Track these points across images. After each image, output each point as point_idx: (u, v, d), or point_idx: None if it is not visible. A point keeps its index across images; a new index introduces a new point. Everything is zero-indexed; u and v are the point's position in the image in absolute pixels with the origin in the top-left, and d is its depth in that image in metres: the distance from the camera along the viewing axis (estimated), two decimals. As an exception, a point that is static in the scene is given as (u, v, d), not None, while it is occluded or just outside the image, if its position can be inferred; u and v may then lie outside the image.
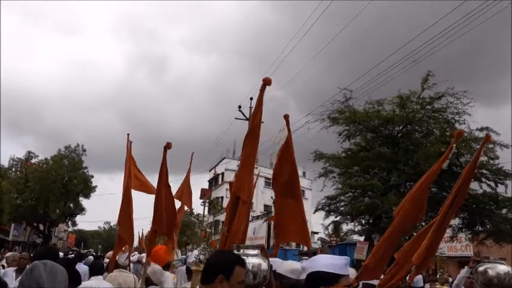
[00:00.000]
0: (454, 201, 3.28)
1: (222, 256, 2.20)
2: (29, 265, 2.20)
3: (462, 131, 3.68)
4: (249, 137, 3.41)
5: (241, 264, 2.12)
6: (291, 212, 3.67)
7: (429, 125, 14.55)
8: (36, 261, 2.17)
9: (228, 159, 49.75)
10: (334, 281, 2.05)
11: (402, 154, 14.29)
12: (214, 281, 2.03)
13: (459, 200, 3.33)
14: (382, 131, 14.84)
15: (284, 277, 2.95)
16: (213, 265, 2.11)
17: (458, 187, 3.30)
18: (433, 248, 3.35)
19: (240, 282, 2.08)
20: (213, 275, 2.04)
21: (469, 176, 3.35)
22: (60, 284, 2.12)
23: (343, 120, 14.92)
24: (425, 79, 13.95)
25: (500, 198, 13.38)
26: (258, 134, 3.42)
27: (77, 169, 36.62)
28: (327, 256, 2.27)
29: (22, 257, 6.35)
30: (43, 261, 2.19)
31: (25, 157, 37.95)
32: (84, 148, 37.97)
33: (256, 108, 3.45)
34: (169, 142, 4.25)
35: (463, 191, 3.33)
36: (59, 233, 59.36)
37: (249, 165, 3.50)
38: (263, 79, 3.21)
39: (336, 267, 2.09)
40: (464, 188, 3.34)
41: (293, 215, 3.68)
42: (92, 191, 38.08)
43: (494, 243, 14.20)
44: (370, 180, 13.91)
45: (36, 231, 39.73)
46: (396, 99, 14.46)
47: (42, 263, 2.15)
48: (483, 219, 13.83)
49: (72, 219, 44.33)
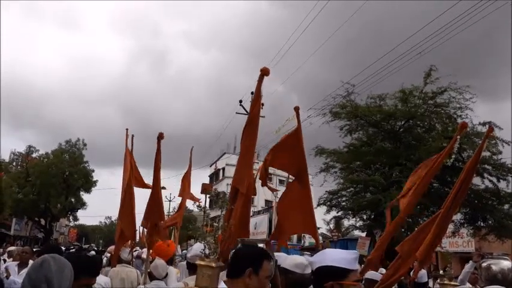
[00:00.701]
0: (457, 195, 3.26)
1: (250, 250, 2.20)
2: (39, 258, 2.20)
3: (466, 123, 3.65)
4: (248, 129, 3.37)
5: (269, 259, 2.13)
6: (298, 201, 3.64)
7: (431, 120, 14.49)
8: (46, 255, 2.17)
9: (228, 154, 49.78)
10: (343, 276, 2.01)
11: (404, 149, 14.24)
12: (243, 275, 2.04)
13: (462, 193, 3.31)
14: (384, 125, 14.78)
15: (289, 272, 2.92)
16: (242, 259, 2.12)
17: (461, 181, 3.28)
18: (437, 243, 3.33)
19: (267, 277, 2.10)
20: (242, 269, 2.05)
21: (471, 170, 3.33)
22: (67, 279, 2.12)
23: (344, 114, 14.87)
24: (428, 73, 13.88)
25: (502, 194, 13.35)
26: (257, 126, 3.38)
27: (78, 163, 36.64)
28: (335, 250, 2.24)
29: (24, 251, 6.38)
30: (52, 254, 2.19)
31: (26, 151, 37.98)
32: (85, 142, 37.96)
33: (254, 99, 3.41)
34: (162, 132, 4.31)
35: (466, 185, 3.31)
36: (60, 228, 59.60)
37: (248, 157, 3.46)
38: (261, 69, 3.15)
39: (345, 261, 2.06)
40: (467, 182, 3.32)
41: (300, 204, 3.65)
42: (92, 186, 38.12)
43: (496, 239, 14.20)
44: (372, 176, 13.89)
45: (37, 225, 39.84)
46: (399, 94, 14.40)
47: (52, 257, 2.15)
48: (485, 215, 13.81)
49: (74, 214, 44.42)
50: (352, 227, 16.87)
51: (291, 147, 3.61)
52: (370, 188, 14.21)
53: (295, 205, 3.66)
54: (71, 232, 67.96)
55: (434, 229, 3.25)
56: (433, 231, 3.25)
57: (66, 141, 37.46)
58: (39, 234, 41.51)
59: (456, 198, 3.26)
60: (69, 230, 67.72)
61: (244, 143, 3.40)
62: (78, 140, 37.71)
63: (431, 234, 3.24)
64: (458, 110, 13.95)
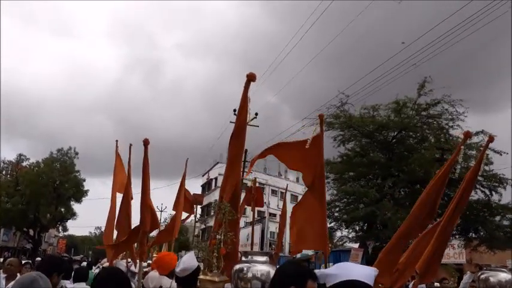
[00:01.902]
0: (457, 205, 3.23)
1: (294, 267, 2.12)
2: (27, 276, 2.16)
3: (469, 132, 3.63)
4: (234, 138, 3.24)
5: (314, 278, 2.06)
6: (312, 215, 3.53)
7: (423, 131, 14.59)
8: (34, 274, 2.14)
9: (221, 163, 49.60)
10: None
11: (397, 160, 14.30)
12: None
13: (462, 204, 3.28)
14: (377, 136, 14.85)
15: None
16: (286, 276, 2.05)
17: (462, 190, 3.25)
18: (438, 255, 3.27)
19: None
20: (285, 286, 1.98)
21: (472, 180, 3.31)
22: None
23: (338, 125, 14.92)
24: (422, 85, 14.01)
25: (493, 205, 13.42)
26: (244, 134, 3.25)
27: (69, 172, 36.18)
28: (358, 265, 2.18)
29: (10, 263, 5.97)
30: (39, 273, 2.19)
31: (16, 160, 37.45)
32: (77, 151, 37.51)
33: (241, 107, 3.16)
34: (147, 138, 4.24)
35: (467, 195, 3.29)
36: (49, 239, 58.61)
37: (234, 167, 3.38)
38: (247, 75, 2.98)
39: (370, 278, 2.01)
40: (467, 192, 3.29)
41: (313, 219, 3.53)
42: (83, 196, 37.61)
43: (487, 250, 14.22)
44: (365, 188, 13.91)
45: (26, 236, 39.13)
46: (393, 105, 14.49)
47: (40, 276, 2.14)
48: (477, 226, 13.86)
49: (63, 224, 43.73)
50: (345, 238, 16.80)
51: (308, 152, 3.47)
52: (364, 198, 14.20)
53: (309, 219, 3.56)
54: (60, 243, 66.88)
55: (434, 241, 3.20)
56: (433, 243, 3.19)
57: (58, 149, 37.00)
58: (28, 245, 40.75)
59: (456, 209, 3.22)
60: (58, 241, 66.64)
61: (231, 153, 3.30)
62: (70, 149, 37.28)
63: (432, 246, 3.18)
64: (450, 121, 14.07)
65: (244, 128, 3.25)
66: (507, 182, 13.39)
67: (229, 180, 3.29)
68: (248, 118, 3.28)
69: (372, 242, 14.05)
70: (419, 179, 13.24)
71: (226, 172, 3.37)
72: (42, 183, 34.10)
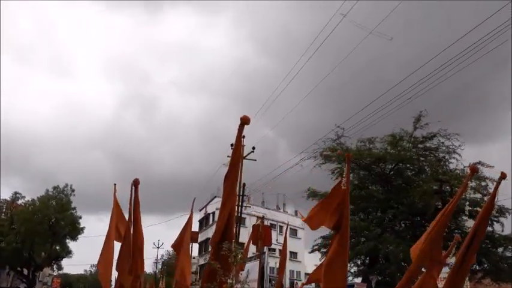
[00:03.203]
0: (471, 244, 3.16)
1: None
2: None
3: (476, 167, 3.67)
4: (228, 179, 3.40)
5: None
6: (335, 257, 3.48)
7: (420, 162, 14.65)
8: None
9: (219, 198, 49.19)
10: None
11: (395, 192, 14.27)
12: None
13: (477, 242, 3.23)
14: (374, 168, 14.89)
15: None
16: None
17: (476, 227, 3.21)
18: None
19: None
20: None
21: (486, 217, 3.30)
22: None
23: (335, 157, 14.96)
24: (417, 119, 14.19)
25: (496, 237, 13.28)
26: (237, 176, 3.50)
27: (65, 210, 35.71)
28: None
29: None
30: None
31: (11, 198, 37.03)
32: (73, 188, 37.20)
33: (235, 148, 3.43)
34: (137, 178, 4.20)
35: (481, 234, 3.25)
36: (43, 278, 57.06)
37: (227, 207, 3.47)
38: (240, 118, 3.19)
39: None
40: (482, 228, 3.26)
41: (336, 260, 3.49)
42: (79, 233, 36.97)
43: (492, 282, 13.96)
44: (365, 221, 13.83)
45: (19, 276, 38.13)
46: (389, 138, 14.62)
47: None
48: (480, 258, 13.64)
49: (58, 263, 42.76)
50: (348, 273, 16.47)
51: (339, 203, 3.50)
52: (365, 231, 14.06)
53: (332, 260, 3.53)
54: (55, 282, 64.92)
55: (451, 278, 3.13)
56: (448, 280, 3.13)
57: (54, 187, 36.70)
58: (21, 285, 39.63)
59: (472, 246, 3.17)
60: (53, 280, 64.83)
61: (226, 190, 3.43)
62: (66, 186, 36.97)
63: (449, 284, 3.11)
64: (446, 154, 14.17)
65: (238, 171, 3.51)
66: (508, 212, 13.32)
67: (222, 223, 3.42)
68: (244, 153, 3.55)
69: (375, 276, 13.78)
70: (419, 211, 13.17)
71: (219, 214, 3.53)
72: (37, 221, 33.59)
